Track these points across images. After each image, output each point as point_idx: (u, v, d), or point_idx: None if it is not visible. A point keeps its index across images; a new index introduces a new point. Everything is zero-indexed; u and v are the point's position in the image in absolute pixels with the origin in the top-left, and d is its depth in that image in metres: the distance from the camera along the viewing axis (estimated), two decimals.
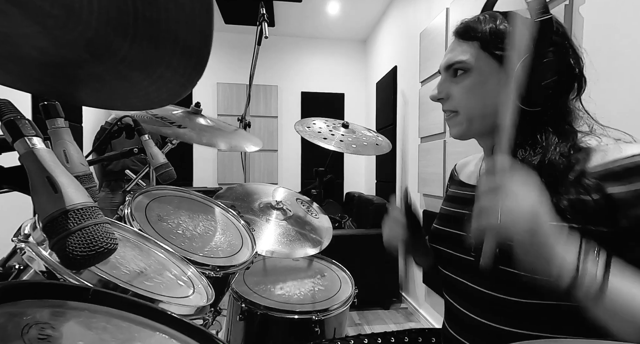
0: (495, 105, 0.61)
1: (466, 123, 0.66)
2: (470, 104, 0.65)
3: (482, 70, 0.63)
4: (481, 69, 0.63)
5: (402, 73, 3.23)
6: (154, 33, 0.22)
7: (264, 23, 1.56)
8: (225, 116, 4.19)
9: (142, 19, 0.21)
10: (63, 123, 0.45)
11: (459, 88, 0.66)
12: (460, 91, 0.66)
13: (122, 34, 0.22)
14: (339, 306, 1.11)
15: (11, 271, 0.45)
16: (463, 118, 0.66)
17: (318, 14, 3.83)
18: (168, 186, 0.99)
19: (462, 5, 2.11)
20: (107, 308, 0.42)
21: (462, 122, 0.67)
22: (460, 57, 0.65)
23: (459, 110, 0.66)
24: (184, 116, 1.22)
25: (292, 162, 4.48)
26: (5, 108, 0.34)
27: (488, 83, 0.63)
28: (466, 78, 0.65)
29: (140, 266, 0.63)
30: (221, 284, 0.84)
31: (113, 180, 2.87)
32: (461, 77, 0.65)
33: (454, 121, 0.68)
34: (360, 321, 2.56)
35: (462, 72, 0.65)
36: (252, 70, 1.71)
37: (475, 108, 0.65)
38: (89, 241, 0.29)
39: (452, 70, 0.67)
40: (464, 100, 0.65)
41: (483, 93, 0.64)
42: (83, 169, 0.45)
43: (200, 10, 0.20)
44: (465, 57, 0.64)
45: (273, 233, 1.23)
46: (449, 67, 0.67)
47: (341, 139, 1.43)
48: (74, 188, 0.31)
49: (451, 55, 0.67)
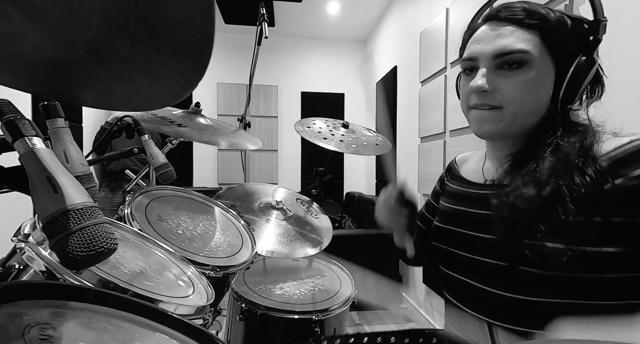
0: (541, 105, 0.59)
1: (509, 120, 0.60)
2: (522, 101, 0.58)
3: (541, 64, 0.57)
4: (540, 63, 0.57)
5: (402, 73, 3.23)
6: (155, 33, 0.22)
7: (264, 23, 1.56)
8: (225, 116, 4.19)
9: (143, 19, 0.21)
10: (63, 123, 0.45)
11: (511, 83, 0.58)
12: (513, 86, 0.58)
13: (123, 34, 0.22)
14: (339, 306, 1.11)
15: (11, 271, 0.45)
16: (507, 115, 0.59)
17: (318, 14, 3.83)
18: (168, 187, 0.99)
19: (462, 5, 2.11)
20: (107, 309, 0.42)
21: (504, 119, 0.60)
22: (521, 45, 0.57)
23: (504, 106, 0.59)
24: (184, 116, 1.22)
25: (292, 162, 4.48)
26: (5, 108, 0.34)
27: (543, 80, 0.58)
28: (523, 72, 0.57)
29: (140, 266, 0.63)
30: (221, 284, 0.84)
31: (113, 180, 2.87)
32: (516, 69, 0.58)
33: (493, 117, 0.61)
34: (360, 321, 2.56)
35: (519, 64, 0.57)
36: (252, 70, 1.71)
37: (525, 106, 0.59)
38: (89, 241, 0.29)
39: (503, 61, 0.58)
40: (516, 96, 0.58)
41: (536, 91, 0.58)
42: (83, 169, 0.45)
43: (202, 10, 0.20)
44: (527, 46, 0.57)
45: (273, 233, 1.23)
46: (500, 56, 0.58)
47: (341, 139, 1.43)
48: (74, 188, 0.31)
49: (506, 41, 0.58)
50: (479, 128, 0.63)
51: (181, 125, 1.12)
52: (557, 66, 0.58)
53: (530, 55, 0.56)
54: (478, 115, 0.62)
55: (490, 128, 0.62)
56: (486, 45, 0.60)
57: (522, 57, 0.57)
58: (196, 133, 1.13)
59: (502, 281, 0.59)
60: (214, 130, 1.25)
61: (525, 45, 0.56)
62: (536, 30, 0.57)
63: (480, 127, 0.63)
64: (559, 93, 0.59)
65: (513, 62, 0.57)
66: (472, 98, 0.63)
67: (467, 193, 0.72)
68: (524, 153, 0.62)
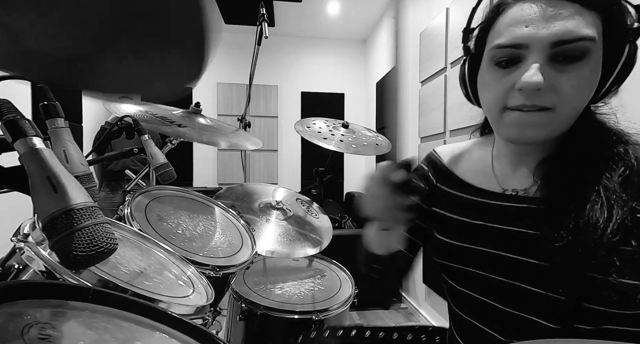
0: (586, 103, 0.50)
1: (557, 124, 0.49)
2: (578, 101, 0.48)
3: (597, 55, 0.47)
4: (597, 53, 0.46)
5: (402, 73, 3.23)
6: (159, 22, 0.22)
7: (264, 23, 1.56)
8: (225, 116, 4.19)
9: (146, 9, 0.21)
10: (63, 123, 0.45)
11: (569, 79, 0.46)
12: (571, 82, 0.46)
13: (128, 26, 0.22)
14: (339, 306, 1.11)
15: (10, 270, 0.45)
16: (558, 118, 0.49)
17: (318, 14, 3.83)
18: (168, 186, 0.99)
19: (462, 5, 2.11)
20: (107, 308, 0.42)
21: (553, 122, 0.49)
22: (587, 30, 0.44)
23: (557, 107, 0.48)
24: (184, 116, 1.22)
25: (292, 162, 4.48)
26: (5, 108, 0.34)
27: (597, 74, 0.48)
28: (582, 65, 0.46)
29: (140, 266, 0.63)
30: (221, 284, 0.84)
31: (113, 180, 2.87)
32: (576, 62, 0.46)
33: (542, 120, 0.49)
34: (360, 321, 2.56)
35: (581, 56, 0.46)
36: (252, 70, 1.71)
37: (579, 107, 0.49)
38: (89, 241, 0.29)
39: (559, 50, 0.46)
40: (575, 94, 0.47)
41: (592, 88, 0.49)
42: (83, 169, 0.45)
43: None
44: (593, 32, 0.45)
45: (273, 233, 1.23)
46: (560, 44, 0.45)
47: (341, 139, 1.43)
48: (74, 188, 0.31)
49: (569, 25, 0.44)
50: (521, 134, 0.51)
51: (181, 125, 1.12)
52: (605, 57, 0.48)
53: (595, 44, 0.45)
54: (522, 118, 0.50)
55: (537, 134, 0.50)
56: (539, 28, 0.46)
57: (587, 46, 0.45)
58: (196, 134, 1.13)
59: (554, 314, 0.50)
60: (213, 130, 1.25)
61: (591, 30, 0.45)
62: (599, 11, 0.46)
63: (524, 132, 0.50)
64: (601, 90, 0.50)
65: (573, 53, 0.46)
66: (514, 98, 0.50)
67: (481, 204, 0.59)
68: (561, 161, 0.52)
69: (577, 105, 0.49)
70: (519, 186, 0.57)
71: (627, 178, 0.46)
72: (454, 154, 0.69)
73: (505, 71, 0.51)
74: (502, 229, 0.55)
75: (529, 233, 0.52)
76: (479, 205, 0.59)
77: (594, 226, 0.45)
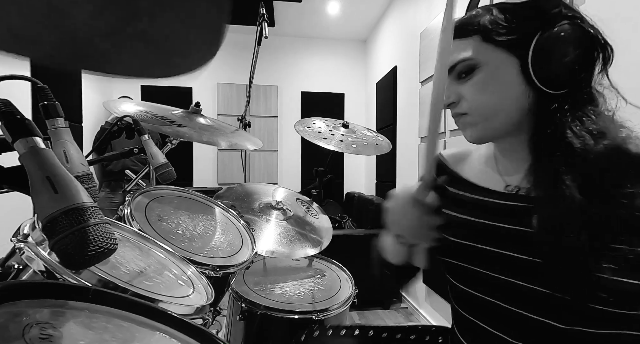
0: (515, 98, 0.57)
1: (482, 123, 0.60)
2: (483, 102, 0.58)
3: (490, 62, 0.57)
4: (488, 62, 0.57)
5: (402, 73, 3.23)
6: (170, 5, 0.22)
7: (264, 23, 1.56)
8: (225, 116, 4.19)
9: None
10: (63, 123, 0.45)
11: (469, 88, 0.59)
12: (471, 90, 0.59)
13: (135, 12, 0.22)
14: (339, 306, 1.11)
15: (10, 271, 0.45)
16: (476, 118, 0.60)
17: (318, 14, 3.83)
18: (168, 186, 0.99)
19: (462, 5, 2.11)
20: (107, 308, 0.42)
21: (477, 122, 0.60)
22: (462, 54, 0.59)
23: (469, 112, 0.60)
24: (184, 116, 1.22)
25: (292, 162, 4.48)
26: (5, 108, 0.34)
27: (500, 74, 0.57)
28: (474, 76, 0.58)
29: (140, 266, 0.63)
30: (221, 284, 0.84)
31: (113, 180, 2.87)
32: (468, 75, 0.59)
33: (465, 122, 0.61)
34: (361, 321, 2.56)
35: (468, 71, 0.59)
36: (252, 70, 1.71)
37: (490, 105, 0.58)
38: (89, 241, 0.29)
39: (455, 73, 0.61)
40: (477, 99, 0.59)
41: (497, 87, 0.58)
42: (83, 169, 0.45)
43: None
44: (467, 53, 0.58)
45: (273, 233, 1.23)
46: (452, 69, 0.61)
47: (341, 139, 1.43)
48: (74, 188, 0.31)
49: (452, 57, 0.60)
50: (465, 135, 0.63)
51: (181, 125, 1.12)
52: (518, 53, 0.55)
53: (473, 60, 0.58)
54: (459, 123, 0.63)
55: (472, 134, 0.62)
56: None
57: (467, 64, 0.58)
58: (196, 134, 1.13)
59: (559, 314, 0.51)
60: (213, 130, 1.25)
61: (465, 53, 0.58)
62: (475, 34, 0.58)
63: (465, 133, 0.63)
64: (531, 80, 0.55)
65: (463, 71, 0.59)
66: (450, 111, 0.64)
67: (484, 203, 0.62)
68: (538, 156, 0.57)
69: (489, 103, 0.58)
70: (519, 183, 0.60)
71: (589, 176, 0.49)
72: (458, 156, 0.74)
73: None
74: (504, 227, 0.57)
75: (528, 231, 0.54)
76: (483, 204, 0.62)
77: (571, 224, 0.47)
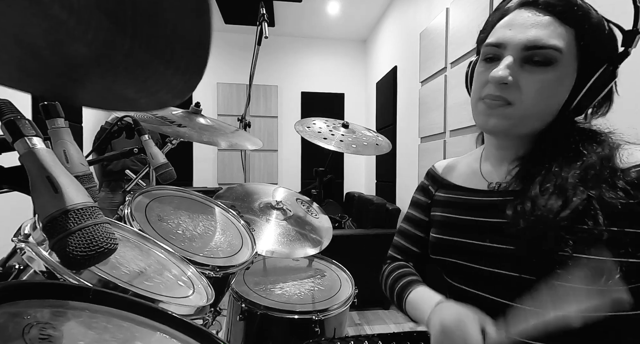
0: (552, 109, 0.56)
1: (516, 120, 0.56)
2: (536, 102, 0.54)
3: (569, 65, 0.53)
4: (568, 65, 0.52)
5: (402, 73, 3.23)
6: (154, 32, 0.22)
7: (264, 23, 1.56)
8: (225, 116, 4.19)
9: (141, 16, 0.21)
10: (63, 123, 0.45)
11: (533, 80, 0.53)
12: (534, 84, 0.53)
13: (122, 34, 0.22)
14: (339, 306, 1.11)
15: (11, 271, 0.45)
16: (516, 114, 0.55)
17: (318, 14, 3.83)
18: (168, 186, 0.99)
19: (462, 5, 2.11)
20: (107, 308, 0.42)
21: (512, 117, 0.55)
22: (555, 41, 0.51)
23: (517, 104, 0.55)
24: (184, 116, 1.22)
25: (292, 162, 4.48)
26: (5, 108, 0.34)
27: (563, 83, 0.54)
28: (547, 71, 0.52)
29: (140, 266, 0.63)
30: (221, 284, 0.84)
31: (113, 180, 2.87)
32: (541, 66, 0.52)
33: (502, 113, 0.56)
34: (361, 321, 2.56)
35: (547, 62, 0.52)
36: (252, 70, 1.71)
37: (537, 108, 0.55)
38: (89, 241, 0.29)
39: (530, 53, 0.53)
40: (533, 95, 0.53)
41: (553, 94, 0.54)
42: (83, 169, 0.45)
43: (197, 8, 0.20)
44: (561, 42, 0.51)
45: (273, 233, 1.23)
46: (531, 48, 0.52)
47: (341, 139, 1.43)
48: (74, 188, 0.31)
49: (541, 33, 0.52)
50: (486, 121, 0.58)
51: (181, 125, 1.12)
52: (580, 71, 0.54)
53: (561, 55, 0.52)
54: (488, 107, 0.57)
55: (497, 124, 0.57)
56: (518, 32, 0.54)
57: (553, 55, 0.52)
58: (196, 134, 1.13)
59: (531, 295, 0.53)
60: (214, 130, 1.25)
61: (559, 41, 0.51)
62: (573, 27, 0.52)
63: (488, 120, 0.57)
64: (573, 100, 0.55)
65: (541, 59, 0.52)
66: (487, 88, 0.57)
67: (464, 201, 0.66)
68: (534, 157, 0.58)
69: (538, 106, 0.55)
70: (501, 180, 0.62)
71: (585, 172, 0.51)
72: (448, 165, 0.78)
73: (488, 66, 0.58)
74: (487, 221, 0.61)
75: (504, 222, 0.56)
76: (468, 203, 0.66)
77: (549, 211, 0.50)
